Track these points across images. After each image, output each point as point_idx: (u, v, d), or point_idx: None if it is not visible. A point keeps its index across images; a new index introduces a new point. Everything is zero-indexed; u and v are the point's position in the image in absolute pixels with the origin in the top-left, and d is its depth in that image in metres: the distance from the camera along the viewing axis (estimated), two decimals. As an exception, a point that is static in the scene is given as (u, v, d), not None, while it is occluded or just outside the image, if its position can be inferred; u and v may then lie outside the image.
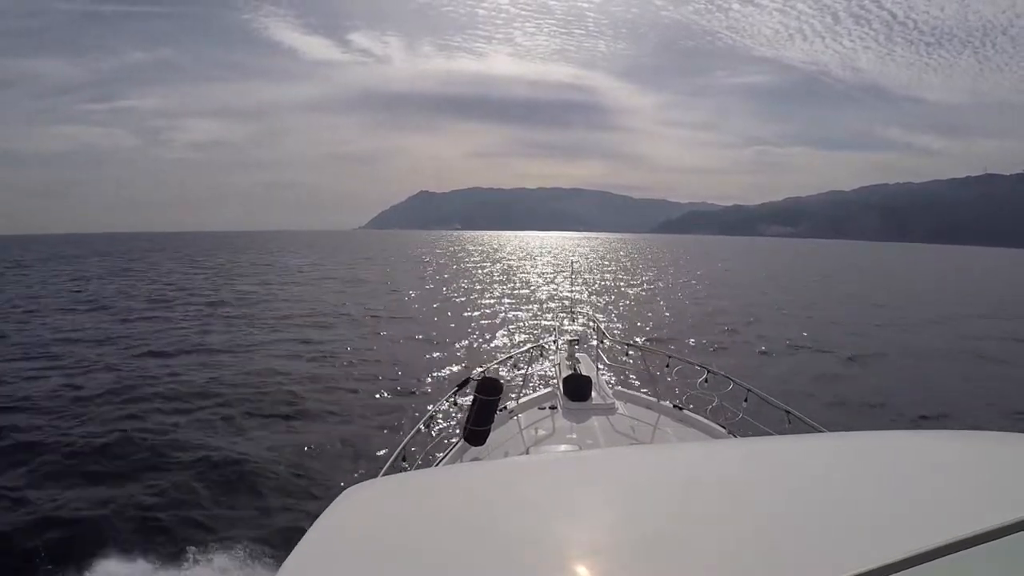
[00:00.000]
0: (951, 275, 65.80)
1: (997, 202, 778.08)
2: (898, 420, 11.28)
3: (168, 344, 17.45)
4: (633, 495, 1.62)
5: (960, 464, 1.65)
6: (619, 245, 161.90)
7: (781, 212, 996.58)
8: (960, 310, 30.19)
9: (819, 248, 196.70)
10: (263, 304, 27.49)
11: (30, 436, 9.60)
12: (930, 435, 2.15)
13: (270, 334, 19.57)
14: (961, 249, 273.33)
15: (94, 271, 49.45)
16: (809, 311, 28.06)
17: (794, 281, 48.84)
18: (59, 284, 37.31)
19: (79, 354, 15.90)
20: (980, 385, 14.58)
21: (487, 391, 4.22)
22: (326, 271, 51.77)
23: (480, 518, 1.54)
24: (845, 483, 1.57)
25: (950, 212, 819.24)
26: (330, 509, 1.65)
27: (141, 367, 14.65)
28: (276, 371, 14.31)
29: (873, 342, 19.75)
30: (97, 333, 19.27)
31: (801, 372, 15.47)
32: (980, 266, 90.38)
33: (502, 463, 3.21)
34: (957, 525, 0.94)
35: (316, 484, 7.99)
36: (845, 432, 2.43)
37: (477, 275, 49.05)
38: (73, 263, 60.66)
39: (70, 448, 9.04)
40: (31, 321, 21.86)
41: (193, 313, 24.25)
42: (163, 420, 10.46)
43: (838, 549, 1.16)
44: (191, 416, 10.70)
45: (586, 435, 4.71)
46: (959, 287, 48.66)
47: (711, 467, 1.87)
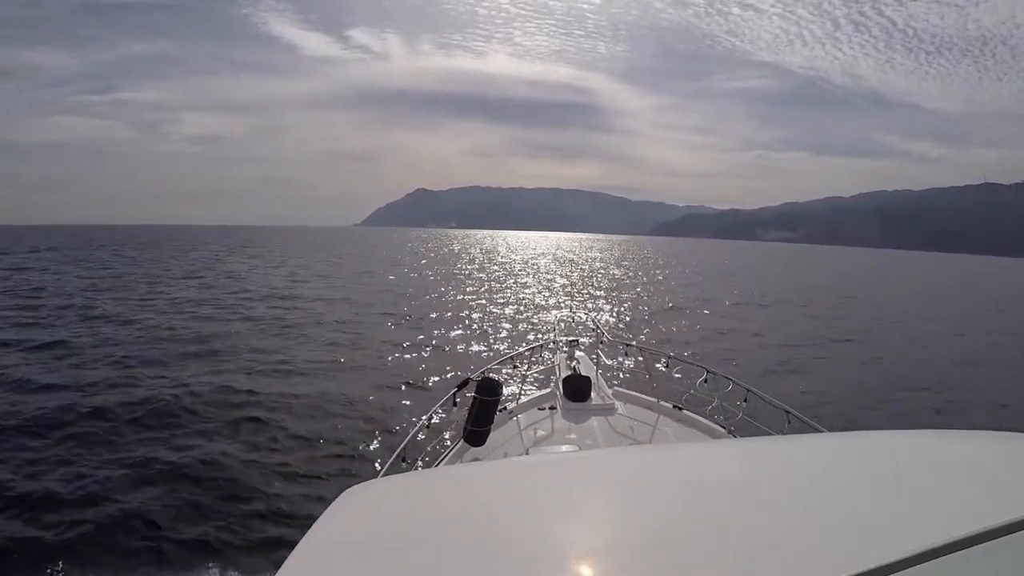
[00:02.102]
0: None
1: (997, 211, 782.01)
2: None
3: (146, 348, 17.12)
4: (633, 495, 1.62)
5: (960, 464, 1.65)
6: (621, 246, 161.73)
7: (779, 217, 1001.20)
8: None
9: (843, 254, 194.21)
10: (265, 302, 27.43)
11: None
12: (930, 435, 2.15)
13: (270, 337, 19.54)
14: (979, 259, 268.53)
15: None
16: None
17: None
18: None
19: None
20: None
21: (487, 391, 4.21)
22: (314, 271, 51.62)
23: (480, 518, 1.54)
24: (845, 483, 1.57)
25: (948, 220, 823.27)
26: (330, 509, 1.65)
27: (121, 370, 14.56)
28: (275, 372, 14.27)
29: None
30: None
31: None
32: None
33: (502, 463, 3.20)
34: (957, 525, 0.93)
35: (316, 484, 7.97)
36: (845, 432, 2.43)
37: (474, 275, 49.07)
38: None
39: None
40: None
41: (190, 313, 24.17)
42: (156, 422, 10.37)
43: (838, 549, 1.16)
44: (182, 419, 10.56)
45: (586, 435, 4.72)
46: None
47: (711, 467, 1.86)
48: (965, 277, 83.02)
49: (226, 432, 9.95)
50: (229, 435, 9.81)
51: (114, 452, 8.90)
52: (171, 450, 9.01)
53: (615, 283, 44.95)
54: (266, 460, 8.76)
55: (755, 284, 48.89)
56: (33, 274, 37.54)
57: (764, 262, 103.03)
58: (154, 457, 8.74)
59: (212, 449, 9.09)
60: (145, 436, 9.55)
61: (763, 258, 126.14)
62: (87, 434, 9.52)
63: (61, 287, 29.93)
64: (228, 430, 10.04)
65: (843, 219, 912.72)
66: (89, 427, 9.81)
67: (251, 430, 10.10)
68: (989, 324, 29.43)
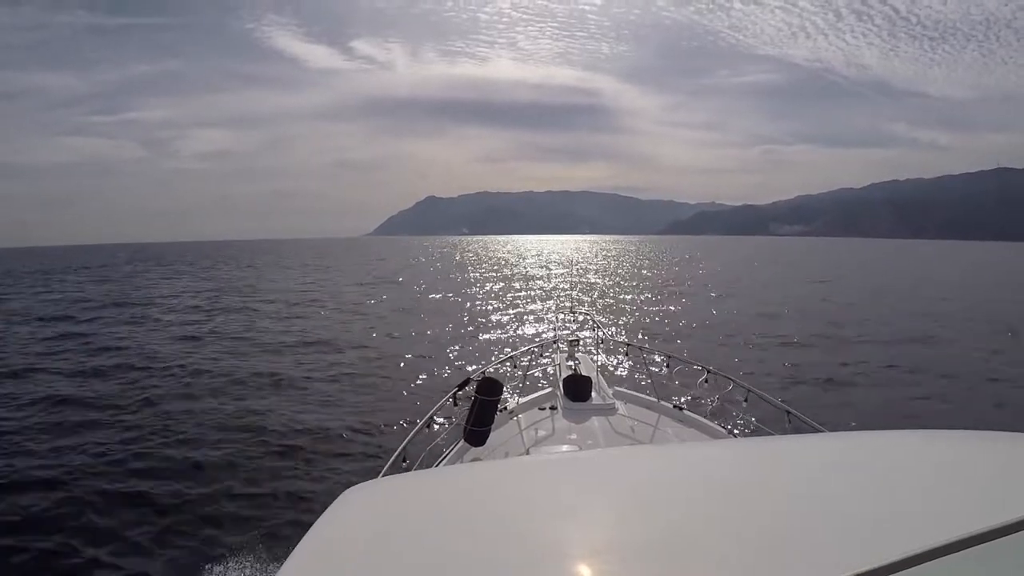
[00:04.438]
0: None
1: (1012, 196, 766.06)
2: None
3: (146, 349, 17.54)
4: (633, 496, 1.62)
5: (960, 464, 1.66)
6: (634, 248, 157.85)
7: (793, 211, 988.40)
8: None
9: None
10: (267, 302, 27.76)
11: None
12: (930, 435, 2.15)
13: (269, 336, 19.77)
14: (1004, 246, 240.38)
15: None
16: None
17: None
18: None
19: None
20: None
21: (487, 391, 4.23)
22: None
23: (480, 518, 1.55)
24: (845, 483, 1.57)
25: (964, 208, 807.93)
26: (330, 509, 1.66)
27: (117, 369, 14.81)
28: (274, 372, 14.43)
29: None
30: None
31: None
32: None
33: (502, 463, 3.22)
34: (957, 525, 0.92)
35: (316, 484, 8.02)
36: (845, 432, 2.42)
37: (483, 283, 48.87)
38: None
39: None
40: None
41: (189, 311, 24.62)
42: (152, 422, 10.57)
43: (838, 549, 1.17)
44: (181, 418, 10.78)
45: (586, 435, 4.71)
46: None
47: (711, 467, 1.88)
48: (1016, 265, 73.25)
49: (220, 433, 10.05)
50: (224, 436, 9.92)
51: (107, 440, 9.07)
52: (164, 448, 9.14)
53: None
54: (266, 460, 8.87)
55: (862, 286, 39.09)
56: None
57: (815, 259, 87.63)
58: (150, 454, 8.94)
59: (212, 448, 9.22)
60: (135, 436, 9.72)
61: (806, 254, 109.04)
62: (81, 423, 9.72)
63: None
64: (223, 431, 10.15)
65: (858, 210, 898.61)
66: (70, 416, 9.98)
67: (251, 430, 10.20)
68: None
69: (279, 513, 7.28)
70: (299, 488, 7.98)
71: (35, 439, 9.75)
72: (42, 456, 9.06)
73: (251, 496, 7.74)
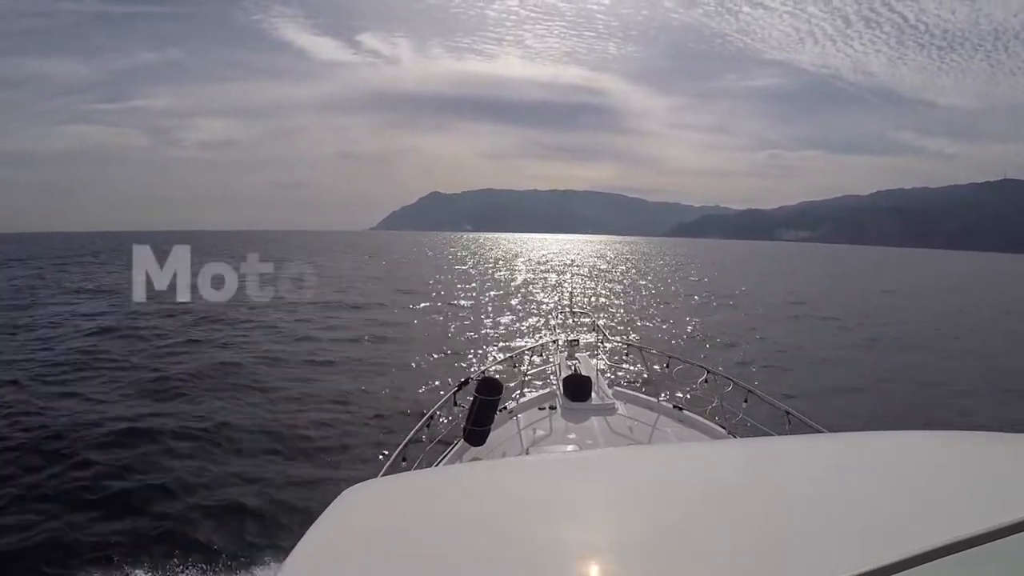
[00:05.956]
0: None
1: (1019, 208, 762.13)
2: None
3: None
4: (633, 496, 1.63)
5: (960, 464, 1.66)
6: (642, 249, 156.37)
7: (798, 216, 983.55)
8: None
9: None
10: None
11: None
12: (930, 435, 2.15)
13: (267, 334, 19.72)
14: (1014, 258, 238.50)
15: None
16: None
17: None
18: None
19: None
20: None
21: (487, 391, 4.26)
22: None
23: (480, 518, 1.55)
24: (845, 483, 1.58)
25: (971, 218, 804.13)
26: (330, 509, 1.66)
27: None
28: (273, 373, 14.41)
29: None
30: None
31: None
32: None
33: (502, 463, 3.23)
34: (957, 525, 0.93)
35: (316, 484, 8.02)
36: (845, 432, 2.41)
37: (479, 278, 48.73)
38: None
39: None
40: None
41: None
42: (154, 423, 10.40)
43: (838, 549, 1.17)
44: (177, 417, 10.67)
45: (586, 435, 4.72)
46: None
47: (711, 468, 1.88)
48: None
49: (220, 433, 10.04)
50: (223, 436, 9.91)
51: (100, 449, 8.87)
52: (164, 447, 9.14)
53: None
54: (266, 460, 8.88)
55: (924, 305, 36.60)
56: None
57: (847, 268, 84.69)
58: (147, 453, 8.90)
59: (211, 447, 9.23)
60: (133, 435, 9.58)
61: (827, 262, 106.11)
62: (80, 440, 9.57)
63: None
64: (223, 431, 10.14)
65: (863, 218, 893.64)
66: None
67: (250, 430, 10.21)
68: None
69: (279, 513, 7.28)
70: (298, 488, 7.99)
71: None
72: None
73: (250, 496, 7.74)
